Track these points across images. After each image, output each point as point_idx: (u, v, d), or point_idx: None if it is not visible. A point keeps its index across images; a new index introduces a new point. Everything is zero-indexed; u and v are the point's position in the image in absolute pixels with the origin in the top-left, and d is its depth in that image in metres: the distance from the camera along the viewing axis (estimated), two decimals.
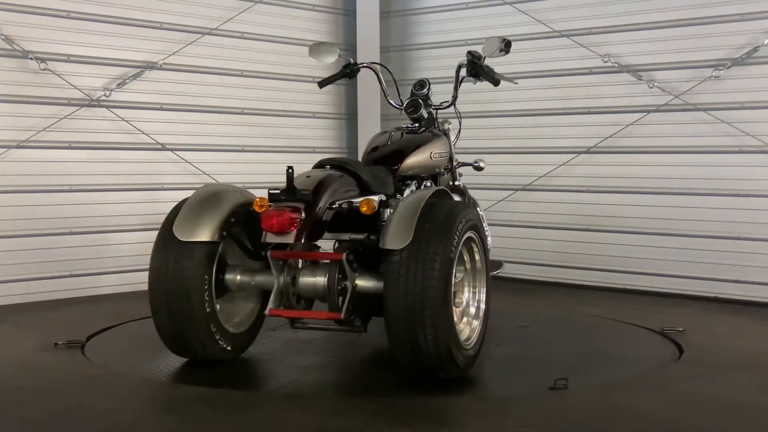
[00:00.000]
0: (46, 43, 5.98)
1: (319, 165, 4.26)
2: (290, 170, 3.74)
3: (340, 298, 3.86)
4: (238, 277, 4.07)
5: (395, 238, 3.67)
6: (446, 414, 3.44)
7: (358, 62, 5.04)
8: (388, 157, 4.53)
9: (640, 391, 3.77)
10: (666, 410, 3.49)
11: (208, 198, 4.00)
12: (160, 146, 6.55)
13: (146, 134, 6.45)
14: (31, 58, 5.89)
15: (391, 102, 5.03)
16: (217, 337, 3.97)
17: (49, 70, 5.97)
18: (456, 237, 3.73)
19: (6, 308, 5.63)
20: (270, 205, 3.79)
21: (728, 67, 6.04)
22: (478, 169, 5.21)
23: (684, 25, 6.25)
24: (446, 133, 4.95)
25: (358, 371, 4.25)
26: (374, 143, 4.72)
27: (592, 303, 6.01)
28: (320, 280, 3.89)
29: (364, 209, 3.85)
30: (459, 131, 5.06)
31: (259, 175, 6.76)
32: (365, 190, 4.20)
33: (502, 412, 3.51)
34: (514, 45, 4.78)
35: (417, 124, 4.81)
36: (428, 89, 4.87)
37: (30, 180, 5.96)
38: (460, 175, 5.17)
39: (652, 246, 6.40)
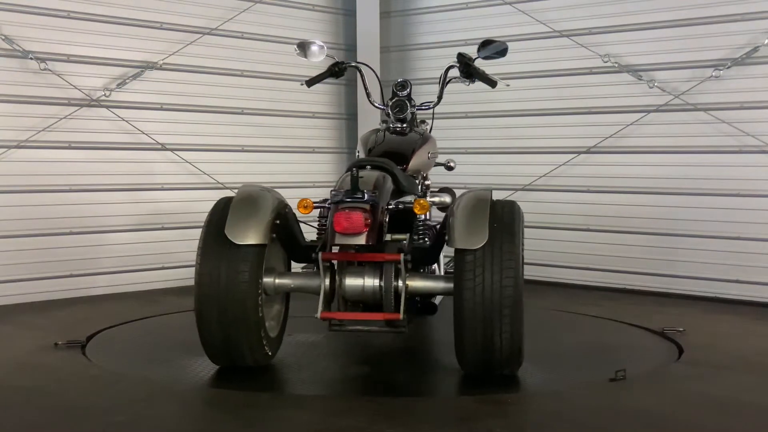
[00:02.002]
0: (46, 43, 5.98)
1: (359, 165, 4.10)
2: (355, 171, 3.73)
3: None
4: (277, 281, 3.99)
5: (469, 238, 3.67)
6: (446, 414, 3.44)
7: (345, 61, 5.04)
8: (394, 158, 4.39)
9: (640, 390, 3.77)
10: (666, 410, 3.49)
11: (253, 199, 3.90)
12: (160, 146, 6.55)
13: (146, 134, 6.45)
14: (31, 58, 5.89)
15: (374, 102, 5.01)
16: (264, 343, 3.93)
17: (49, 70, 5.97)
18: (521, 235, 3.77)
19: (6, 308, 5.62)
20: (314, 206, 3.86)
21: (728, 67, 6.04)
22: (449, 168, 5.19)
23: (684, 25, 6.24)
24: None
25: (359, 371, 4.24)
26: (369, 143, 4.60)
27: (592, 303, 6.00)
28: (370, 281, 3.82)
29: (417, 210, 3.88)
30: (430, 130, 5.02)
31: (259, 175, 6.76)
32: (399, 191, 4.17)
33: (501, 411, 3.50)
34: (514, 45, 4.76)
35: (404, 125, 4.75)
36: (410, 89, 4.81)
37: (29, 180, 5.96)
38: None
39: (652, 246, 6.39)
